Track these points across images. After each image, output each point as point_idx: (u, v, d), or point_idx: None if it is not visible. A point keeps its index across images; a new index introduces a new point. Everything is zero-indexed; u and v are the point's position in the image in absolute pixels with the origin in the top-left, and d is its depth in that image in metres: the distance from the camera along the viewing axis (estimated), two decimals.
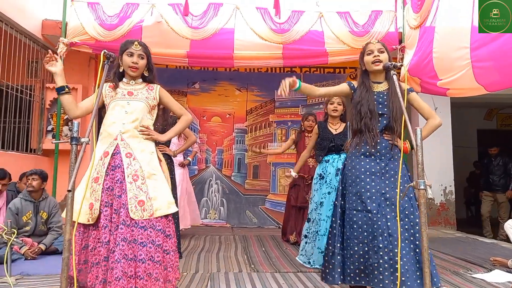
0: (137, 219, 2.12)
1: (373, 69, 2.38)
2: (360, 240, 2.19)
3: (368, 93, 2.36)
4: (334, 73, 6.63)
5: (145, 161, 2.26)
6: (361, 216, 2.22)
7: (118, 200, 2.16)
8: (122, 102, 2.34)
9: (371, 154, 2.31)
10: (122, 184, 2.18)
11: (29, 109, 5.55)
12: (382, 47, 2.38)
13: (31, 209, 3.66)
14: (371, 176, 2.27)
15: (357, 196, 2.26)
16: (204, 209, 6.34)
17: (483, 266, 3.50)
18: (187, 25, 5.12)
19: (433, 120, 2.43)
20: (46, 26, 5.47)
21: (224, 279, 3.00)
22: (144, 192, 2.18)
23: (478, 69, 3.74)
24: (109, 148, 2.25)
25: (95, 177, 2.21)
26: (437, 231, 5.72)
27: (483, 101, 6.89)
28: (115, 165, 2.22)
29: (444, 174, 6.21)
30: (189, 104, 6.52)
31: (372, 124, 2.31)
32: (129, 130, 2.29)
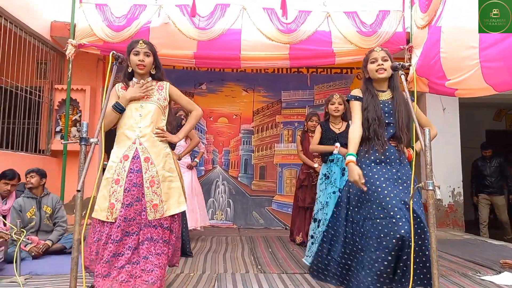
0: (150, 220, 2.36)
1: (377, 77, 2.37)
2: (390, 248, 2.11)
3: (374, 99, 2.35)
4: (341, 74, 6.61)
5: (161, 164, 2.44)
6: (385, 224, 2.14)
7: (139, 203, 2.35)
8: (136, 105, 2.45)
9: (381, 161, 2.29)
10: (141, 188, 2.36)
11: (38, 110, 5.60)
12: (386, 55, 2.37)
13: (34, 205, 3.74)
14: (387, 181, 2.24)
15: (377, 204, 2.20)
16: (211, 210, 6.35)
17: (492, 268, 3.46)
18: (194, 26, 5.14)
19: (432, 130, 2.42)
20: (54, 27, 5.52)
21: (231, 280, 3.00)
22: (158, 195, 2.39)
23: (487, 69, 3.71)
24: (129, 152, 2.39)
25: (115, 178, 2.36)
26: (445, 233, 5.67)
27: (492, 101, 6.82)
28: (135, 169, 2.37)
29: (452, 175, 6.16)
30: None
31: (380, 131, 2.29)
32: (146, 134, 2.42)
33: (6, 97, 4.81)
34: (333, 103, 3.56)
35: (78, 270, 1.77)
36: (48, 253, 3.59)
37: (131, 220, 2.32)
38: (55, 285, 2.73)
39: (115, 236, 2.27)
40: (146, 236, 2.33)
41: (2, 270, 3.03)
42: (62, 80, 5.92)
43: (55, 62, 5.88)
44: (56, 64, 5.90)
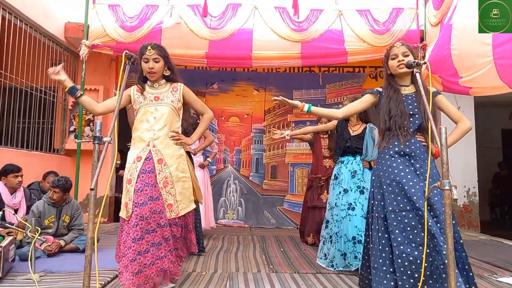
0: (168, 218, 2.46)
1: (398, 72, 2.33)
2: (418, 242, 2.03)
3: (396, 93, 2.30)
4: (354, 73, 6.55)
5: (174, 166, 2.51)
6: (412, 217, 2.07)
7: (156, 202, 2.42)
8: (151, 108, 2.51)
9: (405, 154, 2.22)
10: (156, 188, 2.43)
11: (52, 110, 5.68)
12: (407, 50, 2.33)
13: (53, 213, 3.71)
14: (411, 174, 2.17)
15: (402, 196, 2.12)
16: (222, 209, 6.36)
17: (509, 270, 3.39)
18: (206, 26, 5.15)
19: (463, 123, 2.34)
20: (68, 28, 5.59)
21: (243, 279, 3.00)
22: (172, 195, 2.47)
23: (501, 67, 3.63)
24: (142, 153, 2.46)
25: (128, 178, 2.45)
26: (460, 234, 5.57)
27: (508, 100, 6.68)
28: (148, 170, 2.44)
29: (468, 175, 6.05)
30: (208, 104, 6.39)
31: (403, 123, 2.23)
32: (159, 136, 2.48)
33: (22, 97, 4.88)
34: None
35: (92, 268, 1.78)
36: (62, 251, 3.63)
37: (148, 218, 2.37)
38: (69, 283, 2.76)
39: (135, 235, 2.32)
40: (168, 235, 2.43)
41: (17, 267, 3.07)
42: (75, 80, 5.99)
43: (69, 62, 5.96)
44: (70, 65, 5.97)
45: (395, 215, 2.11)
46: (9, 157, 4.45)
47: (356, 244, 3.20)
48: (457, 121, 2.37)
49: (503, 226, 7.67)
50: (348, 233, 3.24)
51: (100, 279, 2.68)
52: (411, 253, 2.04)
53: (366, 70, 6.53)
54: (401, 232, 2.08)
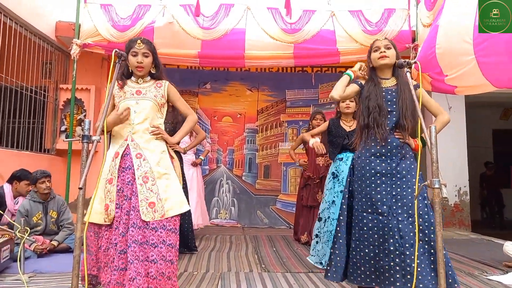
0: (148, 221, 2.15)
1: (379, 63, 2.35)
2: (370, 242, 2.17)
3: (376, 87, 2.32)
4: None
5: (155, 161, 2.28)
6: (371, 219, 2.19)
7: (128, 202, 2.19)
8: (131, 102, 2.35)
9: (381, 155, 2.25)
10: (132, 186, 2.21)
11: (43, 109, 5.63)
12: (389, 43, 2.36)
13: (40, 210, 3.70)
14: (382, 177, 2.22)
15: (367, 198, 2.22)
16: (215, 209, 6.35)
17: (499, 268, 3.42)
18: (198, 25, 5.13)
19: (442, 116, 2.39)
20: (59, 27, 5.54)
21: (235, 279, 2.99)
22: (155, 193, 2.21)
23: (484, 65, 3.67)
24: (120, 149, 2.28)
25: (109, 178, 2.24)
26: (451, 233, 5.62)
27: (499, 100, 6.77)
28: (125, 167, 2.25)
29: (459, 174, 6.10)
30: (200, 104, 6.54)
31: (381, 119, 2.25)
32: (138, 130, 2.31)
33: (12, 97, 4.83)
34: (344, 101, 3.52)
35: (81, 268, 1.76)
36: (53, 252, 3.60)
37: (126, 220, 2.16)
38: (58, 283, 2.74)
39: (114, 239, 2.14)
40: (134, 239, 2.10)
41: (9, 268, 3.04)
42: (67, 80, 5.94)
43: (60, 62, 5.91)
44: (61, 64, 5.92)
45: (357, 214, 2.25)
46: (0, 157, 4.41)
47: None
48: (436, 114, 2.40)
49: (493, 225, 7.75)
50: None
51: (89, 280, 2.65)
52: (363, 250, 2.19)
53: None
54: (359, 230, 2.22)
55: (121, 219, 2.17)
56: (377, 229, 2.16)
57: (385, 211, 2.16)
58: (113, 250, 2.13)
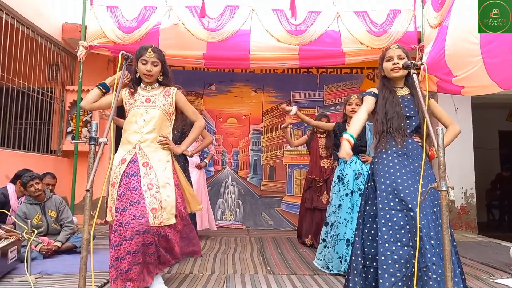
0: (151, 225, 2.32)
1: (392, 76, 2.32)
2: (404, 243, 2.00)
3: (392, 94, 2.29)
4: (351, 74, 6.56)
5: (161, 170, 2.40)
6: (401, 216, 2.03)
7: (136, 206, 2.30)
8: (141, 110, 2.45)
9: (402, 153, 2.20)
10: (139, 191, 2.32)
11: (49, 111, 5.67)
12: (402, 53, 2.31)
13: (38, 211, 3.69)
14: (407, 174, 2.14)
15: (394, 195, 2.09)
16: (220, 210, 6.35)
17: (506, 271, 3.39)
18: (204, 27, 5.15)
19: (454, 127, 2.38)
20: (66, 29, 5.58)
21: (240, 281, 2.99)
22: (158, 200, 2.34)
23: (490, 65, 3.66)
24: (127, 156, 2.39)
25: (112, 182, 2.39)
26: (457, 235, 5.58)
27: (505, 101, 6.71)
28: (130, 173, 2.35)
29: (465, 176, 6.06)
30: (206, 105, 6.55)
31: (400, 124, 2.22)
32: (147, 139, 2.42)
33: (18, 98, 4.87)
34: (350, 104, 3.51)
35: (88, 269, 1.77)
36: (59, 252, 3.61)
37: (127, 224, 2.27)
38: (65, 285, 2.75)
39: (113, 241, 2.28)
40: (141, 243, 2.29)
41: (16, 269, 3.05)
42: (73, 81, 5.98)
43: (67, 63, 5.94)
44: (67, 66, 5.96)
45: (384, 213, 2.08)
46: (6, 158, 4.44)
47: (349, 247, 3.19)
48: (447, 125, 2.39)
49: (501, 227, 7.69)
50: (345, 235, 3.23)
51: (95, 281, 2.67)
52: (396, 251, 2.01)
53: (363, 71, 6.54)
54: (388, 230, 2.04)
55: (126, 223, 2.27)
56: (410, 227, 2.01)
57: (415, 207, 2.00)
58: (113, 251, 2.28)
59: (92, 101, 2.52)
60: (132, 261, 2.25)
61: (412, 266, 1.98)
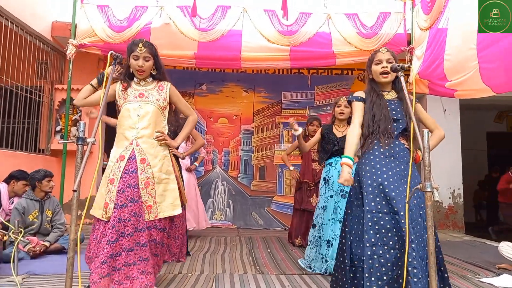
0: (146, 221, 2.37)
1: (381, 80, 2.33)
2: (391, 246, 2.01)
3: (379, 98, 2.31)
4: (342, 75, 6.60)
5: (158, 166, 2.43)
6: (388, 219, 2.04)
7: (135, 204, 2.33)
8: (134, 105, 2.44)
9: (389, 155, 2.21)
10: (136, 189, 2.35)
11: (38, 109, 5.61)
12: (391, 57, 2.32)
13: (37, 208, 3.72)
14: (394, 176, 2.14)
15: (381, 197, 2.09)
16: (210, 210, 6.34)
17: (491, 270, 3.45)
18: (195, 27, 5.14)
19: (439, 131, 2.42)
20: (55, 27, 5.53)
21: (229, 281, 3.00)
22: (152, 197, 2.39)
23: (485, 70, 3.70)
24: (125, 152, 2.40)
25: (110, 178, 2.37)
26: (445, 235, 5.66)
27: (493, 103, 6.82)
28: (130, 170, 2.37)
29: (453, 177, 6.14)
30: (196, 105, 6.54)
31: (387, 127, 2.23)
32: (143, 135, 2.42)
33: (7, 97, 4.81)
34: (339, 106, 3.54)
35: (74, 270, 1.76)
36: (47, 252, 3.59)
37: (126, 221, 2.30)
38: (52, 285, 2.73)
39: (110, 237, 2.26)
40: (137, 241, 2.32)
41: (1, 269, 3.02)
42: (62, 80, 5.93)
43: (56, 62, 5.89)
44: (56, 64, 5.90)
45: (371, 216, 2.07)
46: None
47: (329, 248, 3.23)
48: (432, 129, 2.42)
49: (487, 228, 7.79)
50: (328, 237, 3.27)
51: (83, 281, 2.65)
52: (383, 255, 2.01)
53: (354, 72, 6.58)
54: (375, 233, 2.04)
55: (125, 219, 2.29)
56: (396, 230, 2.01)
57: (401, 210, 2.01)
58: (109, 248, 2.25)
59: (84, 97, 2.56)
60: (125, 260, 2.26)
61: (398, 268, 1.99)
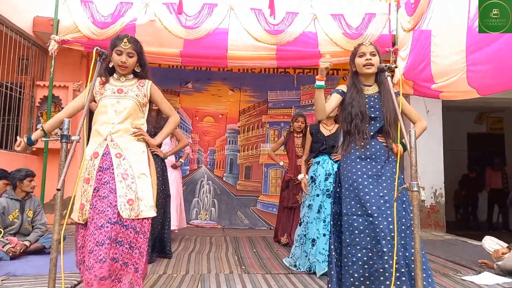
0: (123, 217, 2.14)
1: (364, 72, 2.34)
2: (363, 246, 2.09)
3: (358, 94, 2.32)
4: (328, 75, 6.61)
5: (135, 160, 2.26)
6: (361, 221, 2.12)
7: (103, 200, 2.15)
8: (112, 101, 2.30)
9: (366, 157, 2.25)
10: (109, 185, 2.18)
11: (18, 106, 5.47)
12: (374, 50, 2.34)
13: (17, 208, 3.64)
14: (369, 179, 2.20)
15: (356, 201, 2.17)
16: (195, 209, 6.30)
17: (472, 268, 3.52)
18: (181, 24, 5.10)
19: (421, 123, 2.44)
20: (37, 23, 5.40)
21: (215, 281, 2.98)
22: (134, 191, 2.20)
23: (472, 73, 3.77)
24: (99, 149, 2.24)
25: (86, 178, 2.22)
26: (427, 233, 5.75)
27: (474, 104, 6.96)
28: (104, 167, 2.21)
29: (435, 177, 6.25)
30: (182, 104, 6.48)
31: (363, 126, 2.26)
32: (119, 130, 2.27)
33: None
34: None
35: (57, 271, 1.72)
36: (27, 253, 3.50)
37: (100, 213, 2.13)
38: (34, 286, 2.66)
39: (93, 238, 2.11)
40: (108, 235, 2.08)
41: None
42: (44, 77, 5.79)
43: (37, 58, 5.75)
44: (38, 60, 5.77)
45: (346, 218, 2.17)
46: None
47: (313, 247, 3.25)
48: (415, 121, 2.45)
49: (467, 226, 7.98)
50: (312, 235, 3.29)
51: (66, 283, 2.59)
52: (355, 254, 2.10)
53: (339, 72, 6.63)
54: (350, 234, 2.14)
55: (92, 219, 2.14)
56: (369, 231, 2.10)
57: (375, 212, 2.10)
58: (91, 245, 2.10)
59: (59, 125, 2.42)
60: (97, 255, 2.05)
61: (370, 267, 2.08)
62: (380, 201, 2.14)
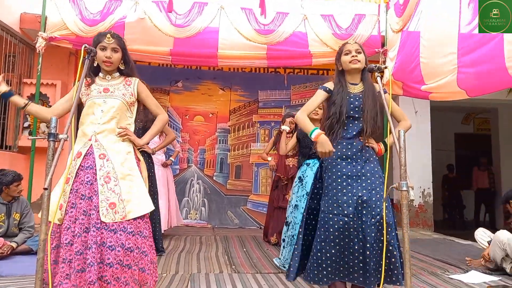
0: (107, 222, 2.05)
1: (350, 67, 2.35)
2: (336, 243, 2.21)
3: (343, 93, 2.34)
4: (318, 75, 6.67)
5: (119, 161, 2.19)
6: (337, 220, 2.22)
7: (88, 202, 2.09)
8: (98, 101, 2.25)
9: (346, 157, 2.30)
10: (92, 186, 2.11)
11: (4, 104, 5.38)
12: (359, 48, 2.38)
13: (3, 212, 3.55)
14: (348, 179, 2.27)
15: (333, 200, 2.25)
16: (185, 209, 6.27)
17: (460, 267, 3.57)
18: (171, 23, 5.06)
19: (405, 122, 2.48)
20: (24, 19, 5.31)
21: (205, 280, 2.97)
22: (117, 194, 2.11)
23: (463, 74, 3.81)
24: (83, 149, 2.18)
25: (67, 177, 2.15)
26: (415, 232, 5.82)
27: (462, 105, 7.06)
28: (86, 166, 2.14)
29: (423, 176, 6.32)
30: (172, 102, 6.45)
31: (337, 127, 2.31)
32: (104, 130, 2.21)
33: None
34: None
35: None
36: (14, 254, 3.44)
37: (76, 220, 2.06)
38: (20, 287, 2.62)
39: (64, 239, 2.04)
40: (94, 239, 2.01)
41: None
42: (31, 74, 5.70)
43: (24, 55, 5.65)
44: (25, 58, 5.67)
45: (323, 216, 2.27)
46: None
47: None
48: (400, 119, 2.48)
49: (454, 225, 8.09)
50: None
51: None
52: (329, 250, 2.21)
53: (330, 73, 6.65)
54: (325, 231, 2.24)
55: (76, 219, 2.07)
56: (343, 230, 2.20)
57: (350, 213, 2.20)
58: (63, 251, 2.02)
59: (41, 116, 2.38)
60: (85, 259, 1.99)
61: (342, 261, 2.21)
62: (358, 201, 2.22)
